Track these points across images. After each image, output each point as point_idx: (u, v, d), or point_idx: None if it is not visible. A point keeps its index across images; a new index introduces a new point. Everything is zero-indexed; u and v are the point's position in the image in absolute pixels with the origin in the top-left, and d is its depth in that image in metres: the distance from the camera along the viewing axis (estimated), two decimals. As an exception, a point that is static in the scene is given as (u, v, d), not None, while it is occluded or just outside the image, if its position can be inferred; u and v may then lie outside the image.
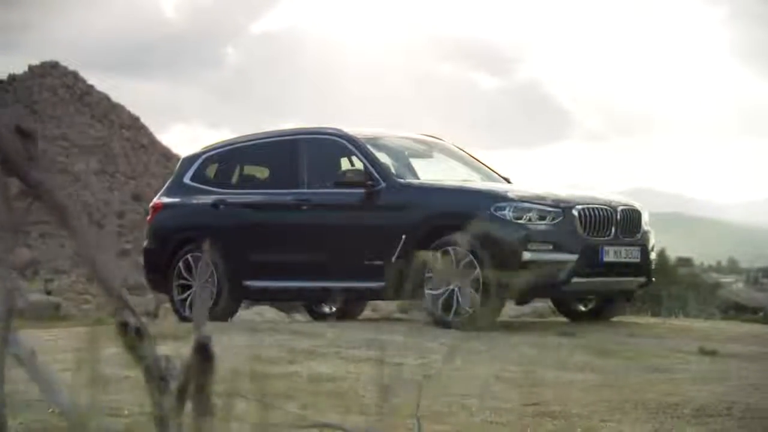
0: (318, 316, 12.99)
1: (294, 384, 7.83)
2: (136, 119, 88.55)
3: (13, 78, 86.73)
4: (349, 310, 12.83)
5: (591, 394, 7.64)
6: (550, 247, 10.42)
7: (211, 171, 12.43)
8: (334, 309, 12.95)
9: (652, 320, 12.86)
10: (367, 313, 29.62)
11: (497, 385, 8.04)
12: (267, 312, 23.44)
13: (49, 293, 39.35)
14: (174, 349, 9.22)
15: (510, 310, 21.68)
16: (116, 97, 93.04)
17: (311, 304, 13.12)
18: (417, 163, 11.97)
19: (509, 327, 11.14)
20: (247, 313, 31.36)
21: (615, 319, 11.79)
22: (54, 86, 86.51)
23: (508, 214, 10.38)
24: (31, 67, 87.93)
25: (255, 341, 9.79)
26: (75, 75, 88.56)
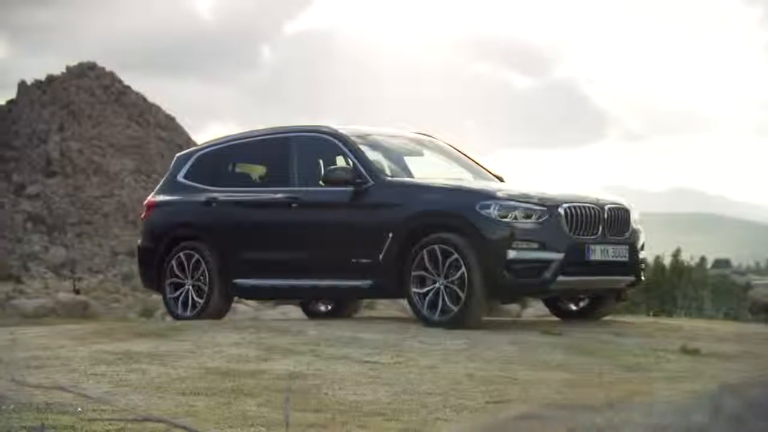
0: (313, 315, 12.99)
1: (260, 382, 7.85)
2: (172, 119, 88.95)
3: (51, 79, 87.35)
4: (344, 308, 12.82)
5: (559, 393, 7.61)
6: (536, 245, 10.36)
7: (203, 169, 12.43)
8: (329, 307, 12.95)
9: (644, 319, 12.78)
10: (392, 312, 29.55)
11: (467, 383, 8.03)
12: (293, 312, 23.47)
13: (77, 292, 39.60)
14: (154, 346, 9.29)
15: (540, 310, 21.61)
16: (152, 97, 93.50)
17: (306, 303, 13.12)
18: (408, 161, 11.96)
19: (495, 326, 11.10)
20: (273, 313, 31.53)
21: (607, 318, 11.72)
22: (91, 87, 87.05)
23: (492, 212, 10.33)
24: (68, 68, 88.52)
25: (236, 339, 9.82)
26: (112, 75, 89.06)
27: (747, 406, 1.56)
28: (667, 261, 22.23)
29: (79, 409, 6.60)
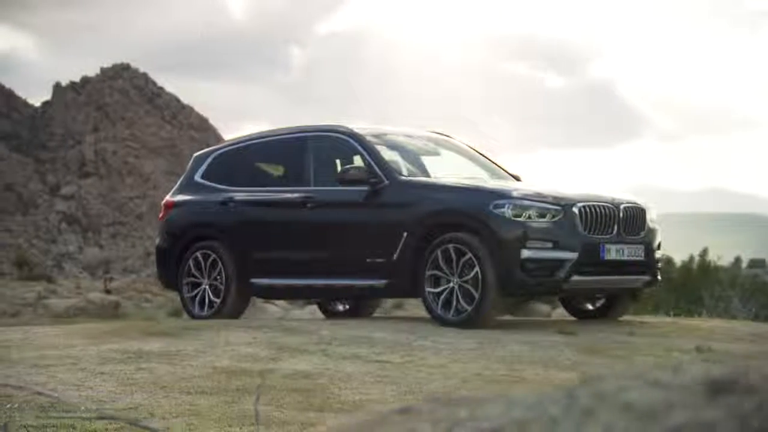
0: (331, 314, 13.00)
1: (267, 381, 7.84)
2: (205, 120, 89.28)
3: (85, 80, 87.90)
4: (362, 307, 12.83)
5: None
6: (550, 245, 10.31)
7: (220, 169, 12.46)
8: (347, 307, 12.96)
9: (662, 319, 12.69)
10: (422, 312, 29.32)
11: (475, 382, 8.01)
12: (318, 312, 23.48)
13: (108, 292, 39.78)
14: (165, 345, 9.31)
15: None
16: (186, 98, 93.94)
17: (324, 302, 13.13)
18: (425, 161, 11.94)
19: (509, 325, 11.07)
20: (301, 313, 31.56)
21: (625, 318, 11.65)
22: (125, 88, 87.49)
23: (507, 211, 10.30)
24: (102, 69, 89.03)
25: (248, 339, 9.82)
26: (146, 77, 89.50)
27: (599, 399, 1.54)
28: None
29: (83, 408, 6.63)
